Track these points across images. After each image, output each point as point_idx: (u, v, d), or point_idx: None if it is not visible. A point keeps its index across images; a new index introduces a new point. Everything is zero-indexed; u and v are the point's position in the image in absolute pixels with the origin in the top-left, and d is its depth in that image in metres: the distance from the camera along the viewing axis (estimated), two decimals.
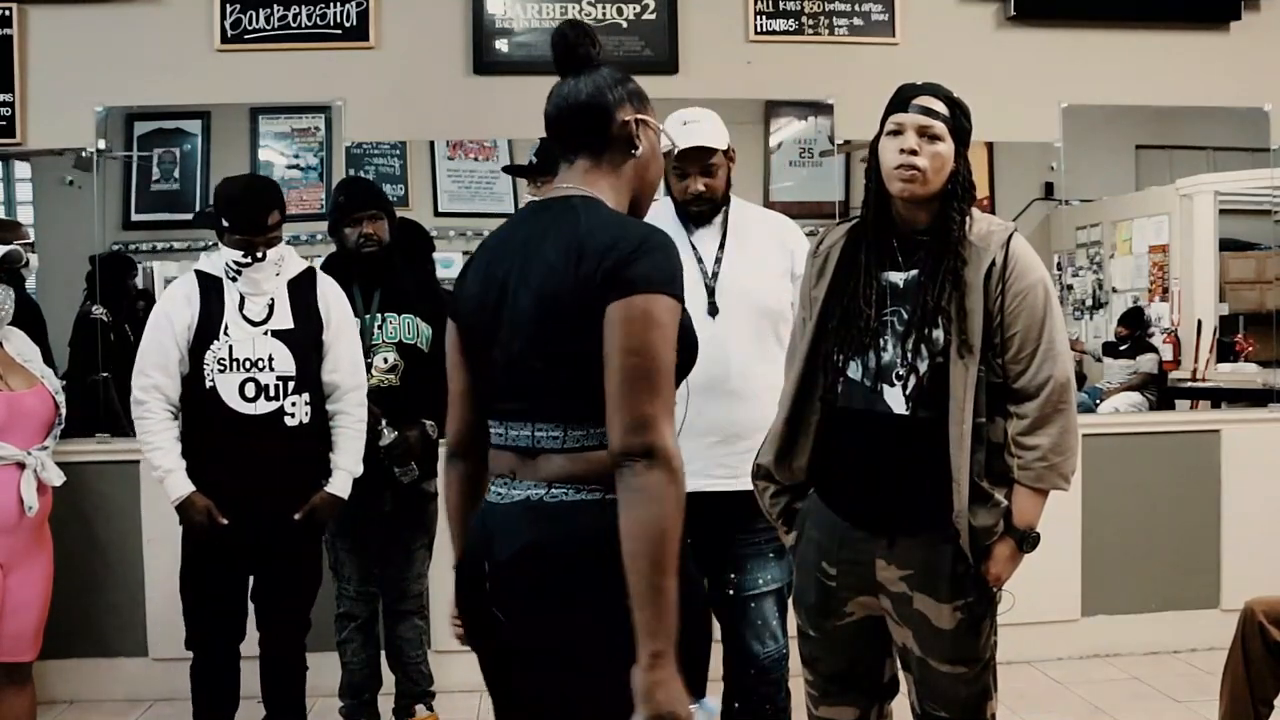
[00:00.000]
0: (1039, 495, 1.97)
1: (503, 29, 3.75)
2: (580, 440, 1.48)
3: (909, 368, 1.95)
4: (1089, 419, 4.03)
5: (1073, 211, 4.12)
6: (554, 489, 1.49)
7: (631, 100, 1.60)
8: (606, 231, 1.47)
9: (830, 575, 2.06)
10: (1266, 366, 4.13)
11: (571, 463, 1.48)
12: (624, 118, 1.58)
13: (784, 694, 2.50)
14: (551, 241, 1.50)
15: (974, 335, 1.92)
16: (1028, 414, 1.95)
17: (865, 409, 1.99)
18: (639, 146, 1.59)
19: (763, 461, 2.14)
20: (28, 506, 2.51)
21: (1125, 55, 3.95)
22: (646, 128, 1.61)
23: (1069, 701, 3.48)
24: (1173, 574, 3.92)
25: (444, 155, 3.81)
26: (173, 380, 2.68)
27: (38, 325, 3.30)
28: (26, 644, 2.58)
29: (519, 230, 1.60)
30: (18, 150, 3.65)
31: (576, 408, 1.47)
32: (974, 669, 2.01)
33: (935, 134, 1.96)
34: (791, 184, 3.92)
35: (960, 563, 1.96)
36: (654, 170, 1.65)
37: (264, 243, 2.68)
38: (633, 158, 1.59)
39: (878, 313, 1.99)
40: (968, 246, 1.96)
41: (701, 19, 3.81)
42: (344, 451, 2.80)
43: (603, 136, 1.58)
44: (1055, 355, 1.95)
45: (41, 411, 2.60)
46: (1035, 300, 1.95)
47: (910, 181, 1.94)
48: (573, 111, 1.58)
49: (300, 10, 3.67)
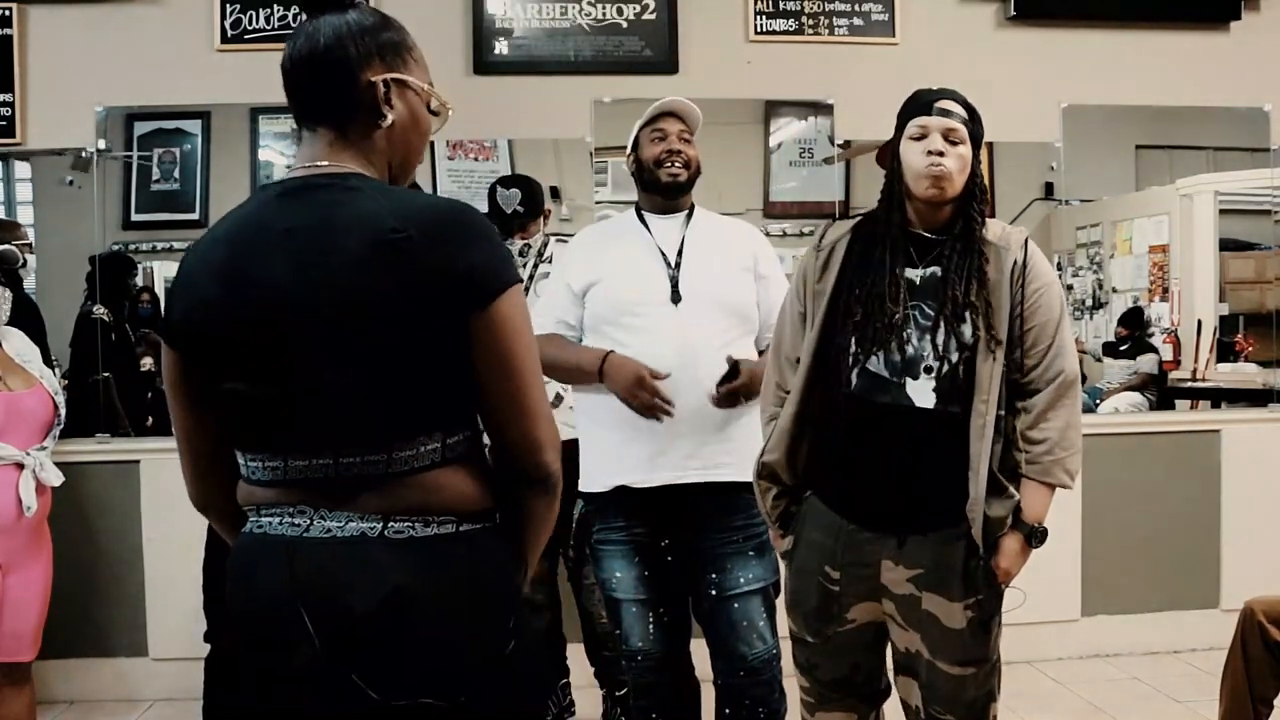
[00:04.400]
0: (1046, 490, 1.99)
1: (503, 29, 3.75)
2: (408, 463, 1.24)
3: (941, 360, 1.97)
4: (1089, 419, 4.02)
5: (1073, 211, 4.11)
6: (392, 522, 1.23)
7: (382, 54, 1.31)
8: (420, 218, 1.23)
9: (833, 579, 2.04)
10: (1266, 366, 4.13)
11: (409, 490, 1.24)
12: (370, 78, 1.30)
13: (778, 695, 2.41)
14: (343, 233, 1.22)
15: (1001, 329, 1.96)
16: (1035, 406, 1.98)
17: (889, 403, 1.98)
18: (387, 115, 1.31)
19: (769, 460, 2.09)
20: (26, 507, 2.51)
21: (1125, 55, 3.95)
22: (403, 89, 1.33)
23: (1069, 701, 3.48)
24: (1173, 574, 3.92)
25: (444, 155, 3.80)
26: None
27: (36, 325, 3.30)
28: (26, 644, 2.58)
29: (271, 219, 1.27)
30: (18, 150, 3.65)
31: (404, 427, 1.24)
32: (982, 669, 2.02)
33: (958, 137, 2.00)
34: (792, 184, 3.92)
35: (972, 558, 1.96)
36: (415, 141, 1.37)
37: None
38: (380, 128, 1.31)
39: (895, 309, 2.00)
40: (988, 245, 2.01)
41: (701, 19, 3.81)
42: None
43: (345, 101, 1.30)
44: (1065, 352, 2.00)
45: (40, 412, 2.60)
46: (1051, 298, 2.01)
47: (939, 180, 1.97)
48: (307, 66, 1.31)
49: (300, 10, 3.66)
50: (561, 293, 2.47)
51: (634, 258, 2.42)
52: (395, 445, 1.24)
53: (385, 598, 1.21)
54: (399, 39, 1.34)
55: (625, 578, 2.40)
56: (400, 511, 1.24)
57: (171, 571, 3.47)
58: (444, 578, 1.24)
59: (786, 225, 3.86)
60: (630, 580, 2.39)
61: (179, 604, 3.43)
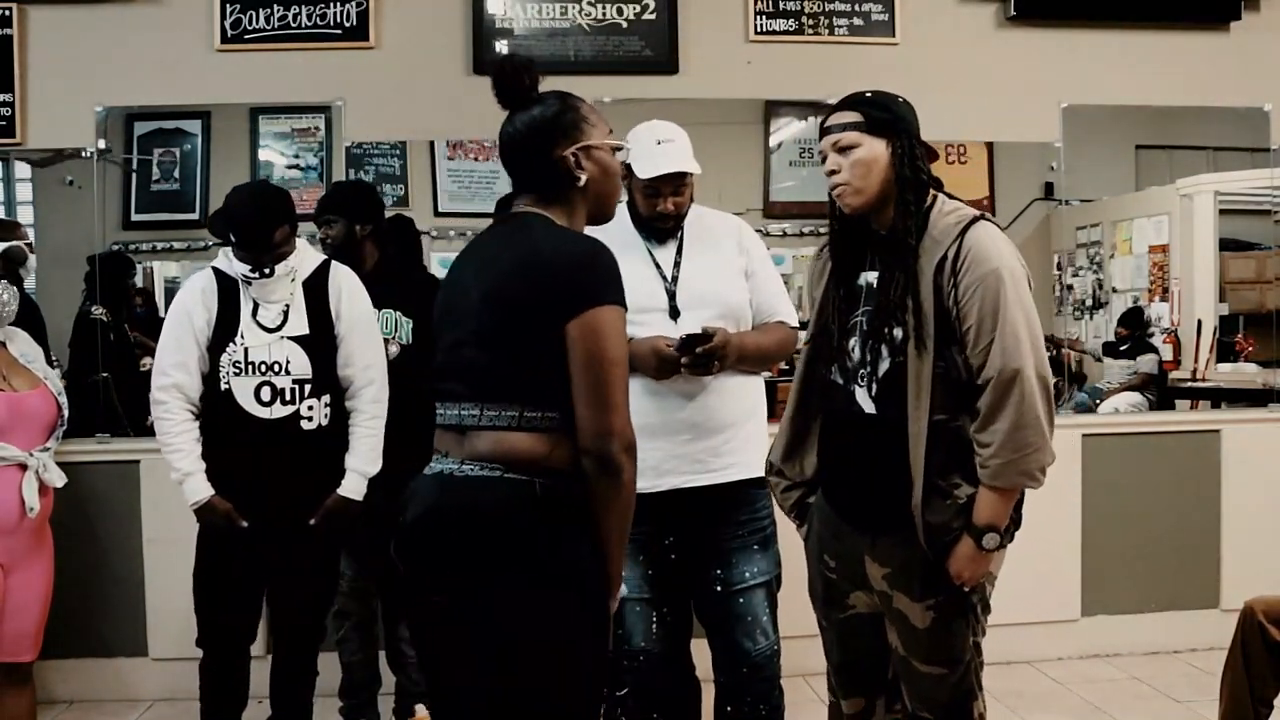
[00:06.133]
0: (999, 493, 1.91)
1: (503, 29, 3.75)
2: (493, 421, 1.65)
3: (871, 365, 1.98)
4: (1089, 419, 4.04)
5: (1073, 211, 4.12)
6: (464, 465, 1.66)
7: (567, 132, 1.70)
8: (557, 248, 1.64)
9: (831, 567, 2.12)
10: (1266, 366, 4.13)
11: (484, 442, 1.65)
12: (561, 153, 1.69)
13: (778, 692, 2.43)
14: (508, 252, 1.68)
15: (927, 329, 1.90)
16: (982, 408, 1.90)
17: (844, 409, 2.04)
18: (580, 177, 1.70)
19: (772, 459, 2.23)
20: (29, 508, 2.51)
21: (1125, 55, 3.95)
22: (589, 154, 1.71)
23: (1069, 701, 3.48)
24: (1173, 574, 3.92)
25: (444, 155, 3.81)
26: (193, 379, 2.63)
27: (36, 325, 3.29)
28: (27, 644, 2.58)
29: (484, 242, 1.78)
30: (18, 150, 3.65)
31: (498, 393, 1.64)
32: (955, 671, 2.00)
33: (845, 144, 2.00)
34: (792, 184, 3.93)
35: (930, 561, 1.97)
36: (607, 188, 1.76)
37: (272, 259, 2.64)
38: (578, 188, 1.71)
39: (848, 315, 2.04)
40: (928, 240, 1.96)
41: (701, 19, 3.81)
42: (356, 452, 2.73)
43: (544, 173, 1.71)
44: (1007, 347, 1.87)
45: (44, 412, 2.60)
46: (988, 290, 1.88)
47: (843, 196, 2.01)
48: (509, 153, 1.73)
49: (300, 10, 3.67)
50: None
51: (630, 271, 2.41)
52: (488, 406, 1.65)
53: (423, 512, 1.68)
54: (576, 115, 1.73)
55: (629, 577, 2.40)
56: (474, 458, 1.65)
57: (171, 571, 3.45)
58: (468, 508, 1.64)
59: (786, 225, 3.87)
60: (634, 580, 2.39)
61: (179, 604, 3.40)
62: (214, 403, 2.64)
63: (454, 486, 1.66)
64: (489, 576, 1.62)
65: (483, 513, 1.63)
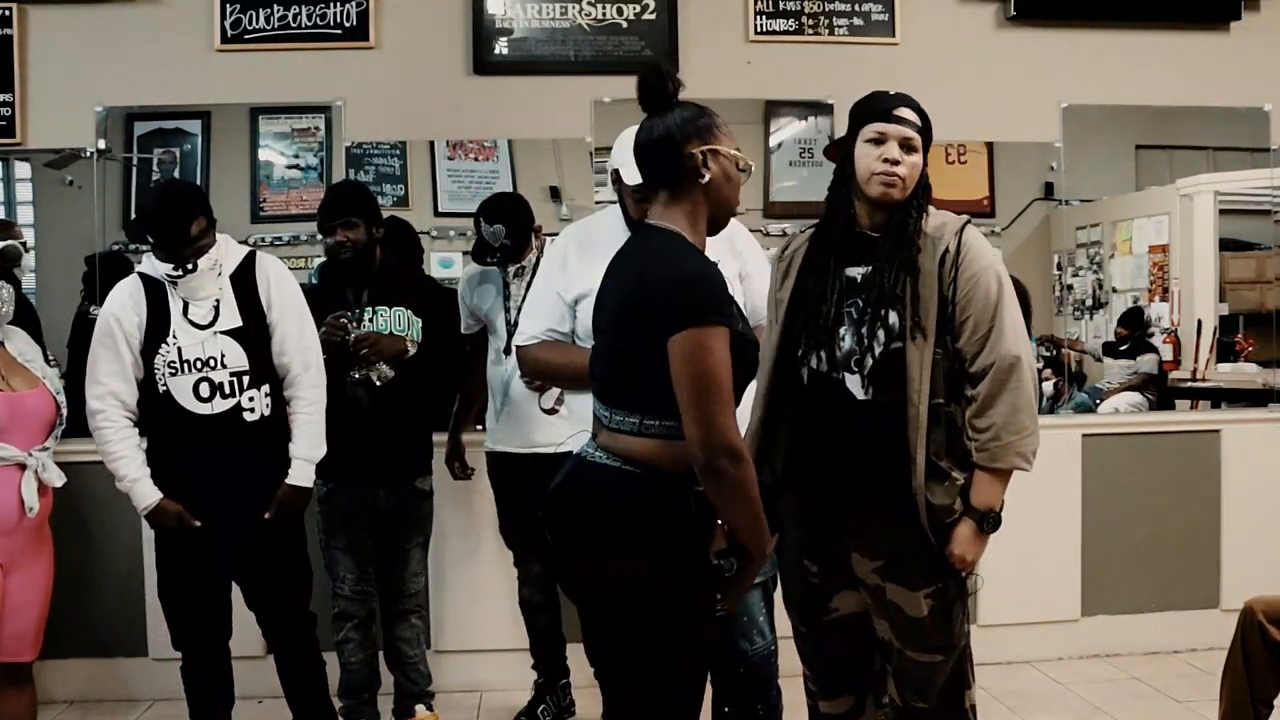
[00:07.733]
0: (997, 476, 2.02)
1: (503, 29, 3.75)
2: (618, 425, 1.84)
3: (866, 350, 2.02)
4: (1089, 419, 4.04)
5: (1073, 211, 4.11)
6: (596, 453, 1.87)
7: (700, 134, 1.83)
8: (666, 268, 1.77)
9: (813, 572, 2.14)
10: (1266, 366, 4.13)
11: (610, 439, 1.85)
12: (691, 150, 1.82)
13: (775, 692, 2.46)
14: (631, 267, 1.85)
15: (927, 318, 2.00)
16: (980, 394, 2.01)
17: (831, 397, 2.06)
18: (705, 175, 1.83)
19: None
20: (28, 508, 2.51)
21: (1125, 55, 3.95)
22: (715, 155, 1.84)
23: (1069, 701, 3.48)
24: (1173, 574, 3.92)
25: (444, 155, 3.80)
26: (129, 385, 2.63)
27: (32, 324, 3.29)
28: (27, 644, 2.58)
29: (624, 254, 1.93)
30: (18, 150, 3.65)
31: (622, 398, 1.84)
32: (950, 656, 2.06)
33: (915, 146, 2.07)
34: (792, 184, 3.92)
35: (926, 548, 2.01)
36: (727, 190, 1.88)
37: (193, 254, 2.61)
38: (702, 185, 1.83)
39: (838, 306, 2.07)
40: (923, 237, 2.05)
41: (701, 19, 3.81)
42: (299, 438, 2.72)
43: (674, 169, 1.84)
44: (1006, 337, 2.01)
45: (43, 412, 2.60)
46: (988, 284, 2.02)
47: (891, 188, 2.05)
48: (648, 148, 1.86)
49: (300, 10, 3.67)
50: (552, 302, 2.47)
51: None
52: (615, 409, 1.85)
53: (556, 486, 1.92)
54: (710, 122, 1.86)
55: None
56: (603, 448, 1.86)
57: None
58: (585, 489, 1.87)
59: (786, 225, 3.86)
60: None
61: None
62: (154, 405, 2.63)
63: (586, 467, 1.87)
64: (597, 549, 1.83)
65: (598, 494, 1.84)
